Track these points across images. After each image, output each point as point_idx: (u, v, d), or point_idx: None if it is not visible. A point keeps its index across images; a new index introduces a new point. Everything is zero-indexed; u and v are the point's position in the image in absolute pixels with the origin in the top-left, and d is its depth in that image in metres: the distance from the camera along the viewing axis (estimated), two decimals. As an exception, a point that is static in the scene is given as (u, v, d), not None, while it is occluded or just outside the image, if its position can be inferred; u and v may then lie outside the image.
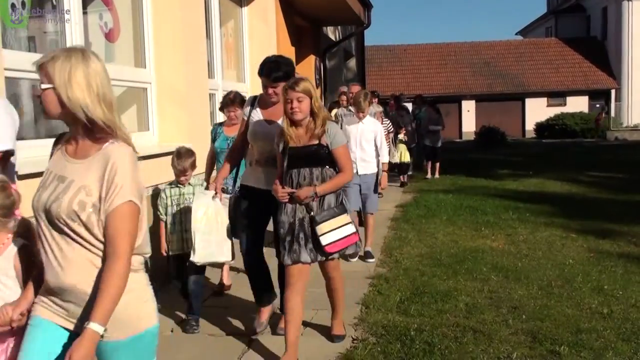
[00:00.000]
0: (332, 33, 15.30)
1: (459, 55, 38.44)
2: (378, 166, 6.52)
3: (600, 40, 37.30)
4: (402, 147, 12.02)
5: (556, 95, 36.22)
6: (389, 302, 4.89)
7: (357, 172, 6.06)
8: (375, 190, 6.56)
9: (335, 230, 3.68)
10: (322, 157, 3.73)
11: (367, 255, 6.33)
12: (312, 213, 3.68)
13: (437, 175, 13.67)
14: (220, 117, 7.72)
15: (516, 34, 48.74)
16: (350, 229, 3.76)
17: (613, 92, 35.68)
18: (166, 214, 4.59)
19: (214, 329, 4.48)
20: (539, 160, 18.29)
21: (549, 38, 40.15)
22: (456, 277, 5.63)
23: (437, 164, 13.86)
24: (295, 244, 3.69)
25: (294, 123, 3.72)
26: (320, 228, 3.65)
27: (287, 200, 3.70)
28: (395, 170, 11.86)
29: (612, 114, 34.67)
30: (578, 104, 35.04)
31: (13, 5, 4.18)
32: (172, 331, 4.47)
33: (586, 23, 39.32)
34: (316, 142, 3.71)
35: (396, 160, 11.61)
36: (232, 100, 5.26)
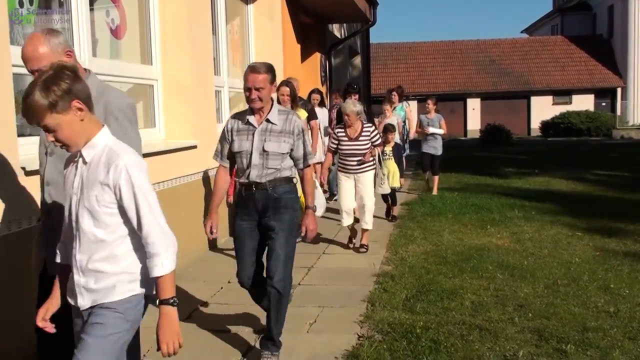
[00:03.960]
0: (337, 30, 15.30)
1: (464, 53, 38.41)
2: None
3: (606, 39, 37.19)
4: (392, 167, 8.26)
5: (562, 94, 36.16)
6: (395, 300, 4.89)
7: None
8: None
9: None
10: None
11: None
12: None
13: (435, 192, 10.74)
14: (226, 115, 7.76)
15: (522, 32, 48.70)
16: None
17: (619, 90, 35.58)
18: None
19: (219, 325, 4.48)
20: (545, 159, 18.25)
21: (554, 36, 40.05)
22: (462, 275, 5.63)
23: (437, 178, 10.96)
24: None
25: None
26: None
27: None
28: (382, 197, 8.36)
29: (618, 112, 34.57)
30: (584, 103, 34.96)
31: (21, 3, 4.20)
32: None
33: (592, 21, 39.20)
34: None
35: (384, 190, 7.69)
36: None
